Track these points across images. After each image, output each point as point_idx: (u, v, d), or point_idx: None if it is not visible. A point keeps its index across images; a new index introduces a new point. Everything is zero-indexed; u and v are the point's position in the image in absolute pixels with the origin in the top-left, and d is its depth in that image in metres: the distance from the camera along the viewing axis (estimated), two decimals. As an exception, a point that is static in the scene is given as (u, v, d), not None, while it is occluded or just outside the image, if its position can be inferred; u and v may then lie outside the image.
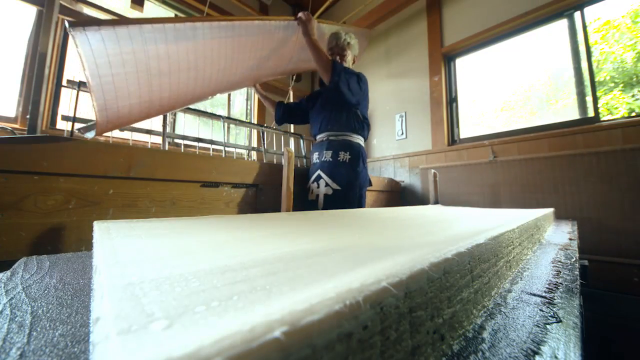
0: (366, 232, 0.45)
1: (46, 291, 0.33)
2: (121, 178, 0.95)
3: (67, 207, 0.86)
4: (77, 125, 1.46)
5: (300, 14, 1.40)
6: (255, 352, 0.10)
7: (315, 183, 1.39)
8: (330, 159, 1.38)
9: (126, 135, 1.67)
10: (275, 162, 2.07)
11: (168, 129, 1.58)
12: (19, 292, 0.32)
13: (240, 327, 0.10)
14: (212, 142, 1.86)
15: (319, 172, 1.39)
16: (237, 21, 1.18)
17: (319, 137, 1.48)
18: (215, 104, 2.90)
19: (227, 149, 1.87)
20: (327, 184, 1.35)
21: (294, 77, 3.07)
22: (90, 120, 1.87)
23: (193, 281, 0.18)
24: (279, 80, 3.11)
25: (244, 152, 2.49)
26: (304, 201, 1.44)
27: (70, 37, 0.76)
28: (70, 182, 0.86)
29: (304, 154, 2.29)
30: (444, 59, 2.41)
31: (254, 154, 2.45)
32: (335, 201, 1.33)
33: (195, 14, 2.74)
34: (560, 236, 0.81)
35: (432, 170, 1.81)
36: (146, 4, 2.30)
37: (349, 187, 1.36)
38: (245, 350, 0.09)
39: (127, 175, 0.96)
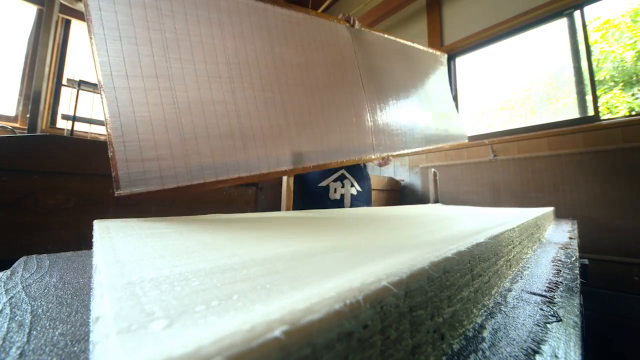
0: (366, 231, 0.45)
1: (46, 290, 0.33)
2: (121, 177, 0.95)
3: (68, 206, 0.86)
4: (77, 124, 1.43)
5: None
6: (255, 351, 0.10)
7: (339, 182, 1.42)
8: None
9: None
10: (275, 161, 2.07)
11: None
12: (18, 291, 0.32)
13: (240, 326, 0.10)
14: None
15: (343, 171, 1.43)
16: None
17: None
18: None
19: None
20: (352, 184, 1.42)
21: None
22: (93, 121, 1.87)
23: (193, 280, 0.18)
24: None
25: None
26: (318, 201, 1.39)
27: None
28: (71, 181, 0.86)
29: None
30: (444, 58, 2.41)
31: (254, 153, 2.44)
32: (359, 201, 1.42)
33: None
34: (560, 235, 0.81)
35: (432, 169, 1.81)
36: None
37: (368, 190, 1.50)
38: (245, 349, 0.09)
39: (127, 175, 0.96)
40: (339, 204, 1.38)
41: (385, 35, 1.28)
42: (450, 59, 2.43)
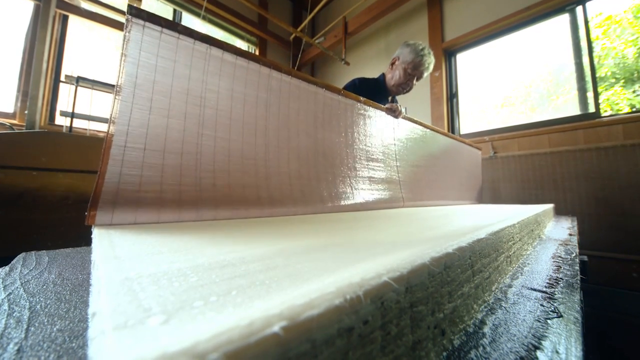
0: (367, 227, 0.44)
1: (44, 286, 0.32)
2: (120, 174, 0.94)
3: (66, 202, 0.85)
4: (76, 121, 1.41)
5: None
6: (253, 347, 0.09)
7: None
8: None
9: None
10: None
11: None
12: (17, 287, 0.32)
13: (239, 322, 0.10)
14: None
15: None
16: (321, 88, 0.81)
17: None
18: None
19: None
20: None
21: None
22: (92, 117, 1.86)
23: (191, 276, 0.17)
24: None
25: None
26: None
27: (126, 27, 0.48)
28: (69, 177, 0.86)
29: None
30: (444, 54, 2.40)
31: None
32: None
33: (194, 8, 2.72)
34: (560, 232, 0.81)
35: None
36: (144, -2, 2.28)
37: None
38: (243, 345, 0.09)
39: (126, 171, 0.95)
40: None
41: (424, 125, 1.31)
42: (451, 56, 2.42)
